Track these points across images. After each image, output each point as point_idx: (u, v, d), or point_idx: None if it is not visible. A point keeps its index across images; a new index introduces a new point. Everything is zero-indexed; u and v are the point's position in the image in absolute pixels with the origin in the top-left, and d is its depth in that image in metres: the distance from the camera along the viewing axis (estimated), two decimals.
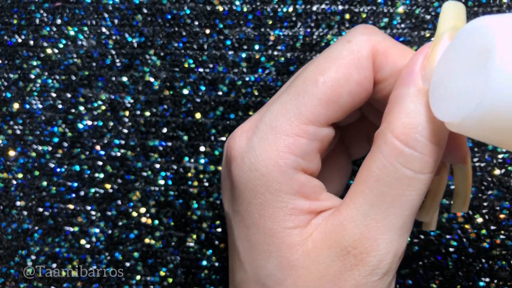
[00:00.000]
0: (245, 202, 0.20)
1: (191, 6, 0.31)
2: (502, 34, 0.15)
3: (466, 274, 0.30)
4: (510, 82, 0.14)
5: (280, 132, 0.19)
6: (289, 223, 0.19)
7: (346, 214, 0.19)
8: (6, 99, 0.32)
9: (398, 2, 0.30)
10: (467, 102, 0.15)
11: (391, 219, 0.18)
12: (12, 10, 0.32)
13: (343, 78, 0.19)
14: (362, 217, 0.18)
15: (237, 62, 0.31)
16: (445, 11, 0.18)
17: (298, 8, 0.31)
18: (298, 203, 0.19)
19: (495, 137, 0.16)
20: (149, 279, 0.31)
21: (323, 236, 0.19)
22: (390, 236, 0.18)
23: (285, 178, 0.19)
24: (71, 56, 0.32)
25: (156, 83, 0.31)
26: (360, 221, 0.18)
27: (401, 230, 0.18)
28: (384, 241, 0.18)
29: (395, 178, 0.18)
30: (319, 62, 0.20)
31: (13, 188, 0.32)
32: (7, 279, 0.32)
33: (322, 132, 0.19)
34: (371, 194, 0.18)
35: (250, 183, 0.19)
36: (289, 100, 0.19)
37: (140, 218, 0.32)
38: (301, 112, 0.19)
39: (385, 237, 0.18)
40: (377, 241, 0.18)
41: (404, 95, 0.18)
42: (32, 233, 0.32)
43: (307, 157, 0.19)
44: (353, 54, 0.19)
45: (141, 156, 0.31)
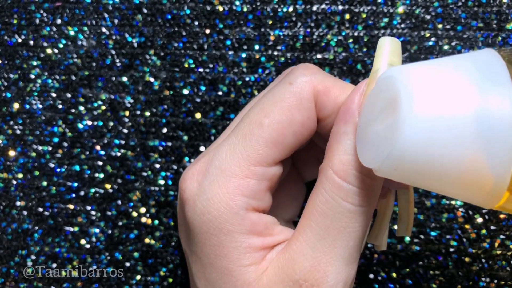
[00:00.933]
0: (200, 243, 0.20)
1: (191, 6, 0.31)
2: (407, 86, 0.15)
3: (466, 274, 0.30)
4: (415, 132, 0.15)
5: (229, 174, 0.20)
6: (244, 261, 0.20)
7: (295, 248, 0.20)
8: (6, 99, 0.32)
9: (398, 2, 0.30)
10: (381, 150, 0.16)
11: (338, 250, 0.19)
12: (12, 10, 0.32)
13: (286, 121, 0.20)
14: (311, 250, 0.19)
15: (237, 62, 0.31)
16: (380, 48, 0.19)
17: (298, 8, 0.31)
18: (251, 241, 0.20)
19: (413, 180, 0.16)
20: (149, 279, 0.31)
21: (276, 271, 0.20)
22: (337, 267, 0.19)
23: (237, 219, 0.20)
24: (71, 56, 0.32)
25: (156, 83, 0.31)
26: (309, 254, 0.19)
27: (348, 260, 0.19)
28: (332, 272, 0.19)
29: (338, 212, 0.19)
30: (263, 105, 0.20)
31: (13, 188, 0.32)
32: (7, 279, 0.32)
33: (270, 171, 0.20)
34: (317, 227, 0.19)
35: (204, 225, 0.20)
36: (237, 143, 0.20)
37: (140, 218, 0.32)
38: (249, 155, 0.20)
39: (333, 268, 0.19)
40: (326, 272, 0.19)
41: (342, 132, 0.19)
42: (32, 233, 0.32)
43: (257, 196, 0.20)
44: (294, 96, 0.20)
45: (141, 156, 0.31)
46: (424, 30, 0.30)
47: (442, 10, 0.30)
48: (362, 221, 0.19)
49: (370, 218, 0.19)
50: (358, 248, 0.19)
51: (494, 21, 0.30)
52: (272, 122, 0.20)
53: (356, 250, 0.19)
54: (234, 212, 0.20)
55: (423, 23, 0.30)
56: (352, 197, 0.18)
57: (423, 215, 0.30)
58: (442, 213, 0.30)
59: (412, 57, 0.30)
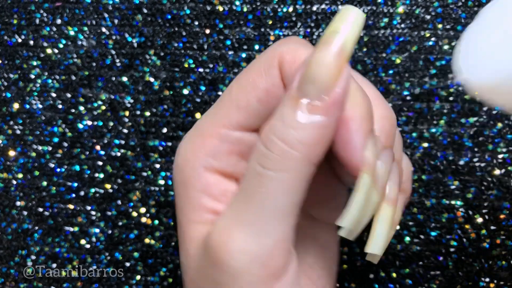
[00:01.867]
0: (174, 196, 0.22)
1: (191, 6, 0.31)
2: None
3: (466, 274, 0.30)
4: None
5: (198, 134, 0.21)
6: (193, 217, 0.20)
7: (221, 212, 0.20)
8: (6, 99, 0.32)
9: (398, 2, 0.30)
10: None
11: (246, 217, 0.18)
12: (12, 10, 0.32)
13: (250, 85, 0.20)
14: (228, 213, 0.19)
15: (237, 62, 0.31)
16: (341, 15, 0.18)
17: (298, 8, 0.31)
18: (203, 200, 0.20)
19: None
20: (149, 279, 0.31)
21: (206, 234, 0.20)
22: (244, 235, 0.18)
23: (194, 174, 0.20)
24: (71, 56, 0.32)
25: (156, 83, 0.31)
26: (226, 217, 0.19)
27: (257, 230, 0.18)
28: (237, 240, 0.18)
29: (252, 176, 0.18)
30: (239, 73, 0.21)
31: (13, 188, 0.32)
32: (7, 279, 0.32)
33: (234, 135, 0.20)
34: (237, 192, 0.19)
35: (173, 179, 0.21)
36: (212, 107, 0.21)
37: (140, 218, 0.32)
38: (215, 117, 0.21)
39: (238, 236, 0.18)
40: (231, 239, 0.18)
41: (281, 101, 0.19)
42: (32, 233, 0.32)
43: (218, 157, 0.20)
44: (260, 63, 0.20)
45: (141, 156, 0.31)
46: (424, 30, 0.30)
47: (442, 10, 0.30)
48: (272, 189, 0.18)
49: (286, 191, 0.18)
50: (270, 220, 0.18)
51: None
52: (238, 87, 0.20)
53: (268, 222, 0.18)
54: (193, 167, 0.20)
55: (423, 23, 0.30)
56: (264, 161, 0.18)
57: (423, 215, 0.30)
58: (442, 213, 0.30)
59: (412, 57, 0.30)
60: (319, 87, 0.17)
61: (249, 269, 0.18)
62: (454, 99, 0.30)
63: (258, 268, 0.18)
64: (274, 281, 0.18)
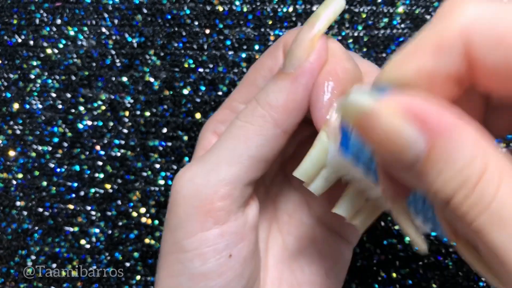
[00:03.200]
0: None
1: (191, 6, 0.31)
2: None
3: (466, 274, 0.30)
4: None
5: (220, 107, 0.24)
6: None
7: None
8: (6, 99, 0.32)
9: (398, 2, 0.30)
10: None
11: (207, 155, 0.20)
12: (12, 10, 0.32)
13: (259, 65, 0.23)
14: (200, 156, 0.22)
15: (237, 62, 0.31)
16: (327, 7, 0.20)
17: (298, 8, 0.31)
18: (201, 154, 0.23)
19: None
20: (149, 279, 0.31)
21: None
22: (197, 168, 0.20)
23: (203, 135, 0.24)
24: (71, 56, 0.32)
25: (156, 83, 0.31)
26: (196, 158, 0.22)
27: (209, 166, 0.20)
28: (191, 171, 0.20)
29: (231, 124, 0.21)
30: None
31: (13, 188, 0.32)
32: (7, 279, 0.32)
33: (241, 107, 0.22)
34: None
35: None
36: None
37: (140, 218, 0.32)
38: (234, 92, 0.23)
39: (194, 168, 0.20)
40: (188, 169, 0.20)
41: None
42: (32, 233, 0.32)
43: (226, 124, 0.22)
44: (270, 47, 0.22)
45: (141, 156, 0.31)
46: None
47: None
48: (234, 134, 0.20)
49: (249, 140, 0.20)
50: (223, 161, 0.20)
51: None
52: (251, 68, 0.23)
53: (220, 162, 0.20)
54: (205, 130, 0.23)
55: (423, 23, 0.30)
56: (239, 114, 0.20)
57: None
58: None
59: None
60: (293, 60, 0.20)
61: (190, 199, 0.20)
62: None
63: (198, 200, 0.20)
64: (212, 223, 0.20)
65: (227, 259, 0.20)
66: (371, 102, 0.13)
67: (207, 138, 0.23)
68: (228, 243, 0.20)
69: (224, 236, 0.20)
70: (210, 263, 0.19)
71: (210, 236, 0.19)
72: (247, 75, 0.23)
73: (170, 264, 0.20)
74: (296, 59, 0.20)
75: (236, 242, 0.20)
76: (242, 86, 0.23)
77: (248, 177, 0.20)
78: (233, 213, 0.20)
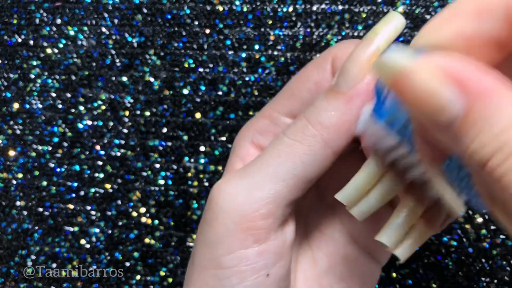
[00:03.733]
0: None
1: (191, 6, 0.31)
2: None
3: (466, 274, 0.30)
4: None
5: (258, 115, 0.23)
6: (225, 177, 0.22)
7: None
8: (6, 99, 0.32)
9: (398, 2, 0.30)
10: None
11: (250, 168, 0.20)
12: (12, 10, 0.32)
13: (304, 77, 0.22)
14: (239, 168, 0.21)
15: (237, 62, 0.31)
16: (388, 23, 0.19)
17: (298, 8, 0.31)
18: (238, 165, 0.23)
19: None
20: (149, 279, 0.31)
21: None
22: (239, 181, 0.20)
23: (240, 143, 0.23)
24: (71, 56, 0.32)
25: (156, 83, 0.31)
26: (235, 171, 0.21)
27: (252, 182, 0.19)
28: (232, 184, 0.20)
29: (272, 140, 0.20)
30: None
31: (13, 188, 0.32)
32: (7, 279, 0.32)
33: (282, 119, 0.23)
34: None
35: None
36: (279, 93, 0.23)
37: (140, 218, 0.32)
38: (274, 101, 0.22)
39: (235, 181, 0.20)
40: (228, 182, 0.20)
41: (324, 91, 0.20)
42: (32, 233, 0.32)
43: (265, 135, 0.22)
44: (317, 59, 0.22)
45: (141, 156, 0.31)
46: None
47: (442, 10, 0.30)
48: (281, 151, 0.19)
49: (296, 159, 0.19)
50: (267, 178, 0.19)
51: None
52: (295, 78, 0.22)
53: (264, 179, 0.19)
54: (242, 138, 0.23)
55: (423, 23, 0.30)
56: (287, 129, 0.20)
57: None
58: None
59: None
60: (348, 79, 0.19)
61: (231, 214, 0.19)
62: None
63: (239, 217, 0.19)
64: (252, 241, 0.19)
65: (265, 278, 0.19)
66: (408, 61, 0.13)
67: (244, 147, 0.22)
68: (267, 262, 0.19)
69: (263, 255, 0.19)
70: (248, 282, 0.19)
71: (250, 255, 0.19)
72: (289, 85, 0.22)
73: (205, 279, 0.20)
74: (351, 78, 0.19)
75: (274, 262, 0.19)
76: (283, 96, 0.22)
77: (291, 196, 0.19)
78: (273, 232, 0.19)
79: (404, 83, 0.13)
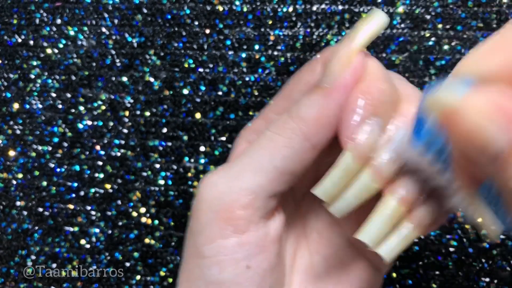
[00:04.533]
0: None
1: (191, 6, 0.31)
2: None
3: (466, 274, 0.30)
4: None
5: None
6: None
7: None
8: (6, 99, 0.32)
9: (398, 2, 0.30)
10: None
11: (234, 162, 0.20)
12: (12, 10, 0.32)
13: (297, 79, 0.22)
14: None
15: (237, 62, 0.31)
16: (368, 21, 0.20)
17: (298, 8, 0.31)
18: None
19: None
20: (149, 279, 0.31)
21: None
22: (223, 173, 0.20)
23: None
24: (71, 56, 0.32)
25: (156, 83, 0.31)
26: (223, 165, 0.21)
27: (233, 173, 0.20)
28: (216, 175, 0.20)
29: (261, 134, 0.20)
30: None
31: (13, 188, 0.32)
32: (7, 279, 0.32)
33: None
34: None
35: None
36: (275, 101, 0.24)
37: (140, 218, 0.32)
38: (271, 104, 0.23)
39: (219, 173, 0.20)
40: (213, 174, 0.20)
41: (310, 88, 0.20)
42: (32, 233, 0.32)
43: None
44: (310, 62, 0.22)
45: (141, 156, 0.31)
46: (424, 30, 0.30)
47: (442, 10, 0.30)
48: (263, 144, 0.20)
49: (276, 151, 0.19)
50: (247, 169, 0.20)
51: (494, 21, 0.30)
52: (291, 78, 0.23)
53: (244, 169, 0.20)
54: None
55: (423, 23, 0.30)
56: (270, 124, 0.20)
57: None
58: None
59: (412, 57, 0.30)
60: (329, 75, 0.19)
61: (211, 204, 0.19)
62: None
63: (218, 206, 0.19)
64: (231, 231, 0.19)
65: (245, 269, 0.19)
66: (459, 97, 0.13)
67: (240, 146, 0.23)
68: (247, 253, 0.19)
69: (243, 246, 0.19)
70: (227, 273, 0.19)
71: (228, 245, 0.19)
72: (285, 87, 0.23)
73: (189, 268, 0.20)
74: (332, 74, 0.19)
75: (255, 254, 0.19)
76: (279, 98, 0.23)
77: (272, 188, 0.20)
78: (254, 223, 0.19)
79: (455, 119, 0.13)
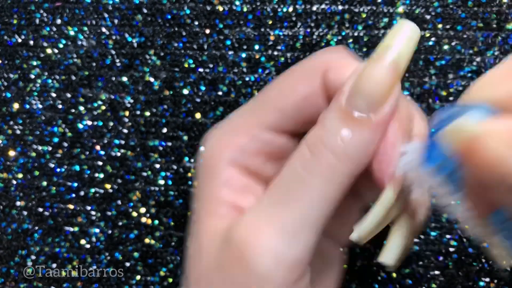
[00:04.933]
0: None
1: (191, 6, 0.31)
2: None
3: (466, 274, 0.30)
4: None
5: (229, 129, 0.21)
6: (211, 209, 0.20)
7: (244, 208, 0.20)
8: (6, 99, 0.32)
9: (398, 2, 0.30)
10: None
11: (279, 217, 0.18)
12: (12, 10, 0.32)
13: (288, 90, 0.20)
14: (259, 211, 0.18)
15: (237, 62, 0.31)
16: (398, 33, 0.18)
17: (298, 8, 0.31)
18: (224, 193, 0.20)
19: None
20: (149, 279, 0.31)
21: (225, 227, 0.19)
22: (275, 235, 0.18)
23: (218, 166, 0.20)
24: (71, 56, 0.32)
25: (156, 83, 0.31)
26: (255, 214, 0.18)
27: (289, 233, 0.18)
28: (268, 238, 0.18)
29: (293, 178, 0.18)
30: (280, 75, 0.21)
31: (13, 188, 0.32)
32: (7, 279, 0.32)
33: (265, 135, 0.20)
34: (271, 192, 0.19)
35: (197, 170, 0.22)
36: (246, 104, 0.21)
37: (140, 218, 0.32)
38: (250, 114, 0.21)
39: (270, 234, 0.18)
40: (261, 235, 0.18)
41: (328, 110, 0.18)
42: (32, 233, 0.32)
43: (245, 154, 0.20)
44: (303, 69, 0.20)
45: (141, 156, 0.31)
46: (424, 30, 0.30)
47: (442, 10, 0.30)
48: (314, 196, 0.18)
49: (328, 200, 0.18)
50: (303, 227, 0.18)
51: (494, 21, 0.30)
52: (277, 90, 0.20)
53: (301, 228, 0.18)
54: (218, 160, 0.20)
55: (423, 23, 0.30)
56: (309, 166, 0.18)
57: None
58: (442, 213, 0.30)
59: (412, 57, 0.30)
60: (369, 102, 0.17)
61: (276, 271, 0.18)
62: (454, 99, 0.30)
63: (285, 272, 0.18)
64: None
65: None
66: (478, 126, 0.13)
67: (224, 170, 0.20)
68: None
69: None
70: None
71: None
72: (268, 94, 0.20)
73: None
74: (372, 101, 0.17)
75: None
76: (261, 107, 0.20)
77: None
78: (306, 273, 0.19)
79: (475, 147, 0.13)
